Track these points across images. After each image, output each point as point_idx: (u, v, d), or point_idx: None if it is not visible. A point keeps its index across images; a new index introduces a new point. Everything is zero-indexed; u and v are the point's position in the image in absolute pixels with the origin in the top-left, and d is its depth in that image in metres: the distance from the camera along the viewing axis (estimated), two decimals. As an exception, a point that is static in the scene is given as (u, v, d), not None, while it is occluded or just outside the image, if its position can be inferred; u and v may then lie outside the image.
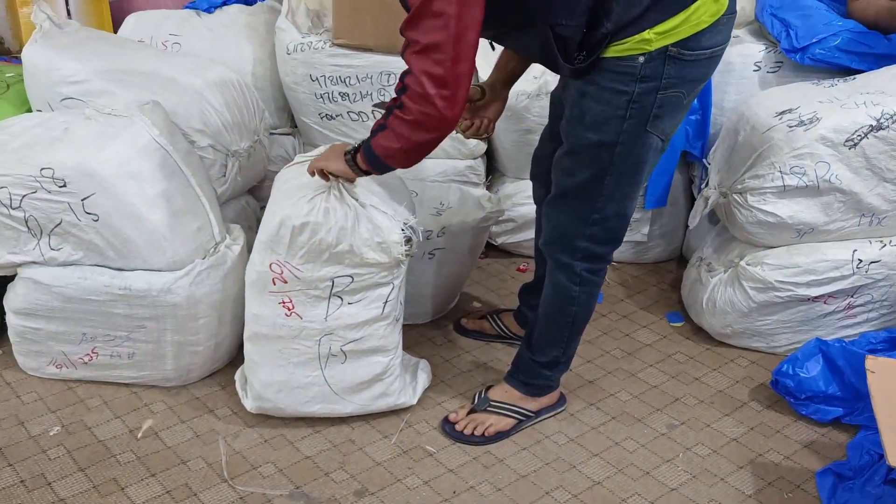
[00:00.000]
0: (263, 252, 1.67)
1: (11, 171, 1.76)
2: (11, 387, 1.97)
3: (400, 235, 1.64)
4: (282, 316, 1.70)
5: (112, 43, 2.25)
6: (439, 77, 1.34)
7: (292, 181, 1.72)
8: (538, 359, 1.81)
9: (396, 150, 1.47)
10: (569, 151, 1.59)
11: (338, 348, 1.74)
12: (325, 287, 1.67)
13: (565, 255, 1.67)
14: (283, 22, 2.35)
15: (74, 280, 1.84)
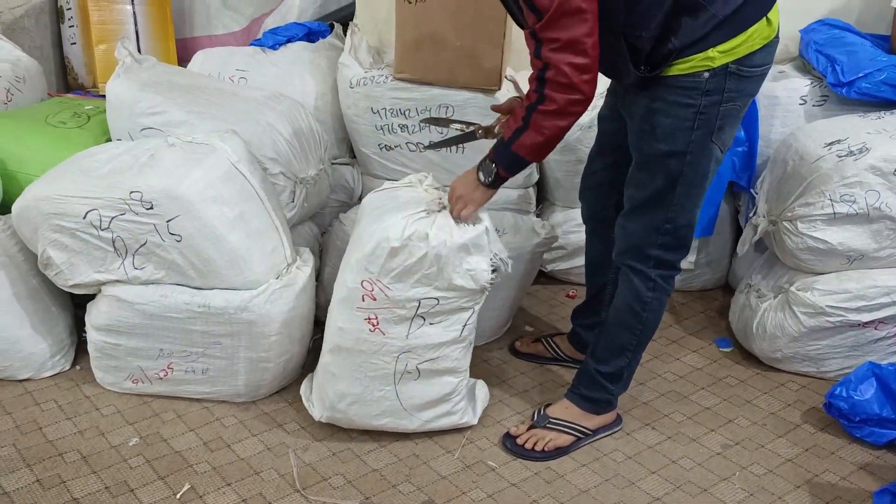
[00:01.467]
0: (356, 270, 1.75)
1: (103, 195, 1.87)
2: (91, 400, 2.07)
3: (489, 265, 1.73)
4: (366, 331, 1.79)
5: (187, 77, 2.39)
6: (584, 66, 1.47)
7: (387, 204, 1.80)
8: (603, 369, 1.87)
9: (540, 143, 1.58)
10: (641, 164, 1.70)
11: (413, 366, 1.82)
12: (411, 307, 1.75)
13: (639, 263, 1.77)
14: (347, 58, 2.47)
15: (156, 298, 1.94)
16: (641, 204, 1.73)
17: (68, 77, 3.07)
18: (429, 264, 1.70)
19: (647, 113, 1.64)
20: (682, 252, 1.78)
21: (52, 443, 1.91)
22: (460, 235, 1.71)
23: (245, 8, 3.09)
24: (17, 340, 2.09)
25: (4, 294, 2.07)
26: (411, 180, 1.93)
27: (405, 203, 1.79)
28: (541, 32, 1.47)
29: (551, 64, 1.48)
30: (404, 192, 1.88)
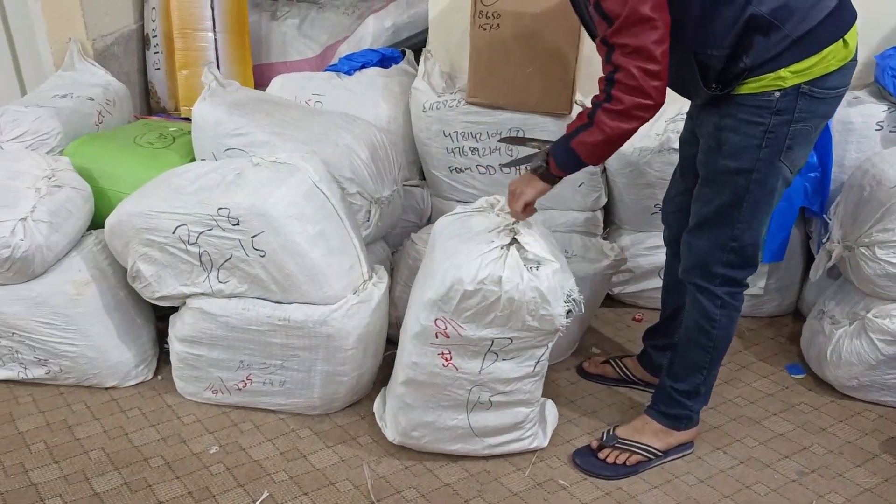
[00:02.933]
0: (430, 308, 1.76)
1: (191, 211, 1.96)
2: (172, 409, 2.15)
3: (563, 308, 1.72)
4: (439, 366, 1.81)
5: (268, 101, 2.49)
6: (653, 72, 1.49)
7: (460, 233, 1.82)
8: (679, 387, 1.88)
9: (599, 142, 1.59)
10: (707, 180, 1.71)
11: (486, 398, 1.85)
12: (484, 345, 1.77)
13: (705, 281, 1.77)
14: (420, 83, 2.55)
15: (238, 311, 2.01)
16: (706, 220, 1.73)
17: (151, 101, 3.21)
18: (502, 307, 1.70)
19: (716, 130, 1.65)
20: (748, 269, 1.78)
21: (137, 448, 1.99)
22: (533, 278, 1.69)
23: (319, 35, 3.20)
24: (105, 350, 2.19)
25: (95, 305, 2.17)
26: (482, 204, 1.97)
27: (478, 234, 1.80)
28: (611, 38, 1.50)
29: (621, 67, 1.50)
30: (477, 219, 1.90)
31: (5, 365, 2.22)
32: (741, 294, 1.81)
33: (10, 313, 2.12)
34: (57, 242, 2.13)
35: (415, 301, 1.86)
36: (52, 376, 2.21)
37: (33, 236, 2.06)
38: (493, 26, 2.31)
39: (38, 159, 2.26)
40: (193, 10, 2.97)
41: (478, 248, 1.73)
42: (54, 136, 2.44)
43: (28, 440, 2.00)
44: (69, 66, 2.83)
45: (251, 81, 3.15)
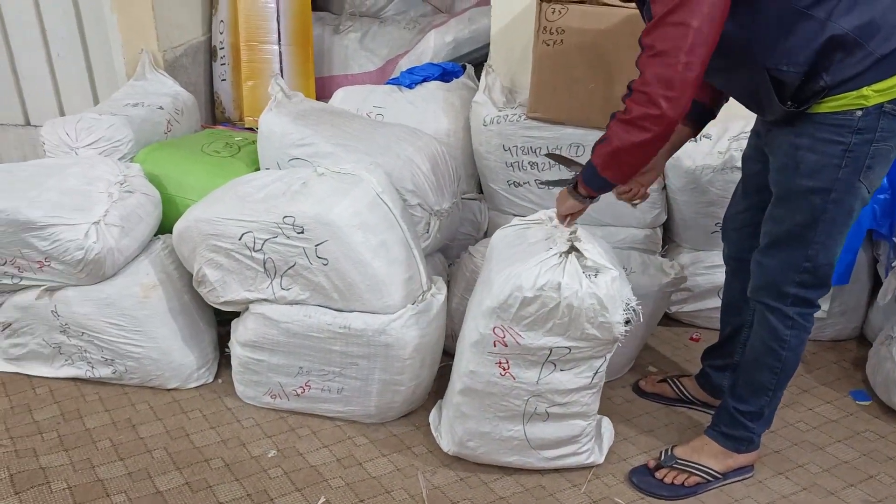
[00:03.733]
0: (489, 316, 1.76)
1: (258, 218, 2.01)
2: (232, 412, 2.19)
3: (622, 316, 1.71)
4: (496, 375, 1.81)
5: (332, 112, 2.53)
6: (668, 79, 1.44)
7: (517, 244, 1.84)
8: (743, 408, 1.85)
9: (608, 151, 1.58)
10: (780, 199, 1.68)
11: (543, 409, 1.84)
12: (542, 354, 1.77)
13: (776, 301, 1.73)
14: (481, 97, 2.57)
15: (300, 317, 2.05)
16: (779, 240, 1.70)
17: (216, 110, 3.30)
18: (561, 314, 1.70)
19: (792, 148, 1.62)
20: (821, 290, 1.74)
21: (198, 449, 2.03)
22: (592, 285, 1.69)
23: (380, 49, 3.25)
24: (169, 351, 2.24)
25: (161, 308, 2.23)
26: (540, 217, 1.97)
27: (536, 244, 1.81)
28: (643, 37, 1.48)
29: (641, 72, 1.48)
30: (534, 231, 1.91)
31: (74, 363, 2.29)
32: (812, 315, 1.77)
33: (81, 313, 2.19)
34: (127, 246, 2.20)
35: (473, 310, 1.87)
36: (117, 376, 2.28)
37: (105, 239, 2.13)
38: (557, 42, 2.32)
39: (112, 165, 2.34)
40: (260, 23, 3.04)
41: (536, 256, 1.74)
42: (126, 143, 2.52)
43: (95, 437, 2.06)
44: (140, 76, 2.93)
45: (313, 93, 3.21)
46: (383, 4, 3.46)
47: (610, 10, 2.23)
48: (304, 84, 3.18)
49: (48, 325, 2.24)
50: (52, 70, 3.19)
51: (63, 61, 3.16)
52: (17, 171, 2.29)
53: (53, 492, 1.85)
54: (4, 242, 2.13)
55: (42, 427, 2.10)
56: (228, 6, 3.08)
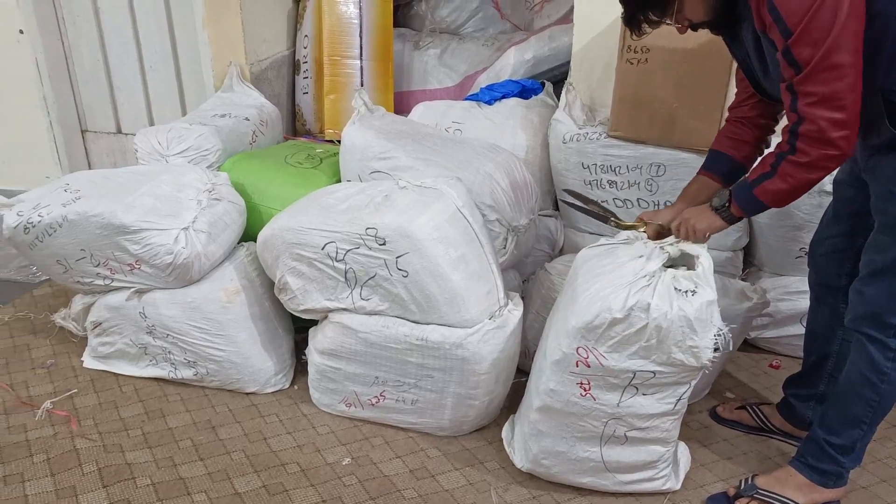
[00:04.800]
0: (574, 335, 1.75)
1: (341, 229, 2.05)
2: (307, 418, 2.23)
3: (712, 343, 1.67)
4: (577, 395, 1.80)
5: (412, 126, 2.57)
6: (841, 121, 1.45)
7: (605, 263, 1.81)
8: (833, 440, 1.78)
9: (784, 190, 1.57)
10: (885, 227, 1.63)
11: (622, 432, 1.82)
12: (625, 377, 1.74)
13: (878, 332, 1.67)
14: (561, 114, 2.57)
15: (378, 328, 2.08)
16: (883, 268, 1.64)
17: (297, 123, 3.38)
18: (648, 336, 1.68)
19: None
20: None
21: (275, 453, 2.07)
22: (685, 305, 1.66)
23: (459, 65, 3.29)
24: (249, 356, 2.30)
25: (243, 313, 2.29)
26: (629, 236, 1.95)
27: (625, 265, 1.78)
28: (798, 86, 1.47)
29: (807, 118, 1.47)
30: (623, 251, 1.89)
31: (158, 364, 2.37)
32: None
33: (167, 316, 2.27)
34: (213, 252, 2.27)
35: (556, 328, 1.86)
36: (199, 378, 2.34)
37: (193, 245, 2.20)
38: (641, 61, 2.30)
39: (201, 173, 2.42)
40: (344, 38, 3.12)
41: (626, 277, 1.72)
42: (214, 152, 2.61)
43: (177, 436, 2.13)
44: (228, 88, 3.03)
45: (392, 108, 3.26)
46: (463, 21, 3.50)
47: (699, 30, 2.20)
48: (383, 98, 3.23)
49: (136, 326, 2.33)
50: (145, 81, 3.33)
51: (155, 73, 3.30)
52: (112, 176, 2.39)
53: (138, 487, 1.92)
54: (99, 245, 2.23)
55: (128, 424, 2.17)
56: (313, 21, 3.16)
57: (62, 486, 1.91)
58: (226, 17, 2.97)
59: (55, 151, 3.43)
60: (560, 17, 3.31)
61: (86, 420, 2.18)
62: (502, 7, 3.50)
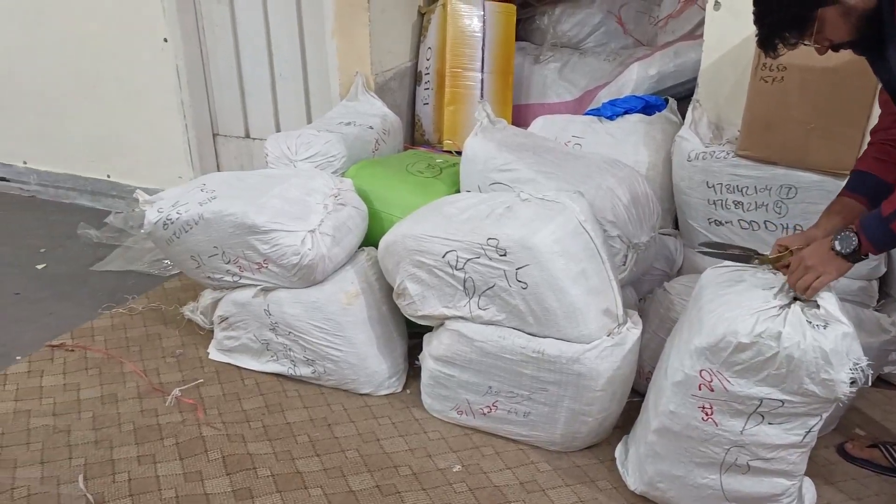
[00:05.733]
0: (697, 357, 1.70)
1: (462, 238, 2.07)
2: (419, 423, 2.26)
3: (848, 375, 1.58)
4: (698, 419, 1.75)
5: (533, 139, 2.58)
6: None
7: (732, 287, 1.76)
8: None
9: None
10: None
11: (744, 461, 1.75)
12: (751, 404, 1.68)
13: None
14: (686, 132, 2.52)
15: (494, 338, 2.09)
16: None
17: (415, 132, 3.45)
18: (778, 365, 1.61)
19: None
20: None
21: (388, 455, 2.11)
22: (819, 337, 1.58)
23: (579, 80, 3.27)
24: (365, 357, 2.36)
25: (361, 316, 2.35)
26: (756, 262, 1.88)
27: (753, 290, 1.72)
28: None
29: None
30: (750, 275, 1.83)
31: (279, 360, 2.46)
32: None
33: (290, 314, 2.35)
34: (336, 255, 2.35)
35: (678, 348, 1.81)
36: (316, 376, 2.42)
37: (318, 247, 2.28)
38: (777, 79, 2.23)
39: (327, 179, 2.51)
40: (466, 51, 3.16)
41: (754, 303, 1.67)
42: (340, 159, 2.70)
43: (295, 431, 2.20)
44: (353, 97, 3.13)
45: (510, 120, 3.27)
46: (584, 36, 3.49)
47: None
48: (502, 111, 3.25)
49: (260, 322, 2.43)
50: (274, 89, 3.48)
51: (284, 81, 3.44)
52: (245, 178, 2.51)
53: (259, 477, 1.99)
54: (231, 243, 2.34)
55: (249, 416, 2.27)
56: (437, 34, 3.22)
57: (189, 471, 2.01)
58: (355, 29, 3.07)
59: (188, 153, 3.63)
60: (685, 32, 3.24)
61: (211, 409, 2.29)
62: (625, 22, 3.47)
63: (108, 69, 3.68)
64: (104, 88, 3.73)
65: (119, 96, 3.71)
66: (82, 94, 3.80)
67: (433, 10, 3.27)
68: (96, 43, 3.64)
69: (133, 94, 3.67)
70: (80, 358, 2.56)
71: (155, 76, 3.55)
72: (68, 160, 4.04)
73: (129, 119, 3.74)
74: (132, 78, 3.63)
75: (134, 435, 2.16)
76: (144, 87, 3.62)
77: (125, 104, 3.71)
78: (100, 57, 3.67)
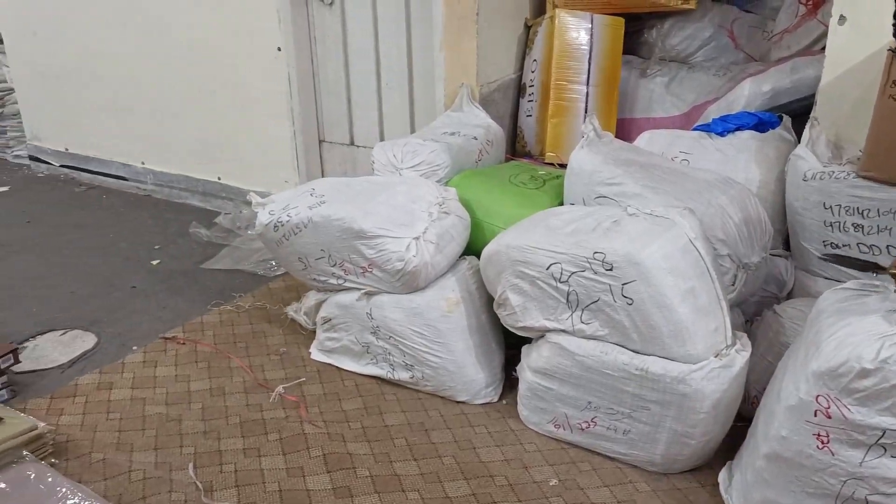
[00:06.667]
0: (814, 382, 1.64)
1: (568, 251, 2.06)
2: (515, 434, 2.26)
3: None
4: (812, 447, 1.68)
5: (640, 154, 2.55)
6: None
7: (852, 310, 1.69)
8: None
9: None
10: None
11: (862, 495, 1.67)
12: (872, 435, 1.60)
13: None
14: (803, 150, 2.43)
15: (596, 353, 2.06)
16: None
17: (516, 144, 3.46)
18: None
19: None
20: None
21: (484, 464, 2.12)
22: None
23: (687, 95, 3.21)
24: (464, 366, 2.37)
25: (461, 323, 2.37)
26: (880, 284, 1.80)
27: (877, 313, 1.65)
28: None
29: None
30: (874, 298, 1.75)
31: (378, 363, 2.51)
32: None
33: (392, 319, 2.40)
34: (439, 262, 2.38)
35: (792, 370, 1.75)
36: (414, 381, 2.45)
37: (422, 254, 2.32)
38: (907, 97, 2.13)
39: (432, 187, 2.55)
40: (572, 64, 3.15)
41: (879, 326, 1.59)
42: (444, 168, 2.74)
43: (392, 434, 2.24)
44: (458, 107, 3.17)
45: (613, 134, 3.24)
46: (693, 50, 3.42)
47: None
48: (606, 125, 3.21)
49: (362, 325, 2.48)
50: (380, 98, 3.56)
51: (390, 91, 3.51)
52: (353, 184, 2.58)
53: (358, 477, 2.04)
54: (338, 247, 2.40)
55: (349, 416, 2.32)
56: (543, 47, 3.23)
57: (292, 466, 2.07)
58: (463, 41, 3.11)
59: (295, 158, 3.76)
60: (801, 48, 3.13)
61: (312, 407, 2.36)
62: (737, 37, 3.38)
63: (223, 77, 3.85)
64: (219, 95, 3.91)
65: (232, 102, 3.88)
66: (198, 100, 4.00)
67: (540, 23, 3.28)
68: (214, 52, 3.83)
69: (246, 101, 3.83)
70: (191, 351, 2.68)
71: (267, 84, 3.69)
72: (182, 162, 4.25)
73: (241, 124, 3.90)
74: (246, 85, 3.79)
75: (240, 428, 2.24)
76: (257, 95, 3.77)
77: (238, 110, 3.88)
78: (216, 65, 3.85)
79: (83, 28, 4.29)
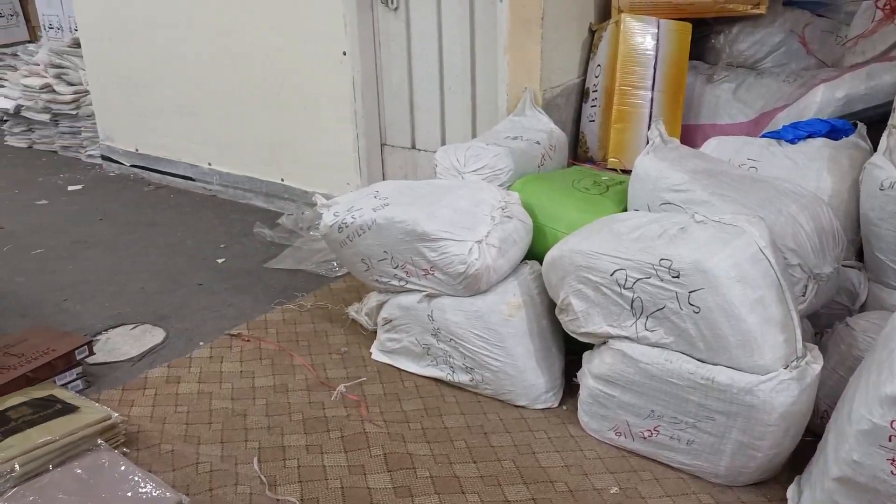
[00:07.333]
0: (889, 407, 1.59)
1: (633, 257, 2.05)
2: (575, 440, 2.25)
3: None
4: (886, 472, 1.63)
5: (707, 161, 2.50)
6: None
7: None
8: None
9: None
10: None
11: None
12: None
13: None
14: (880, 159, 2.36)
15: (661, 361, 2.04)
16: None
17: (578, 149, 3.44)
18: None
19: None
20: None
21: (543, 469, 2.11)
22: None
23: (755, 101, 3.15)
24: (524, 370, 2.37)
25: (522, 328, 2.37)
26: None
27: None
28: None
29: None
30: None
31: (438, 365, 2.53)
32: None
33: (453, 321, 2.41)
34: (501, 266, 2.38)
35: (864, 393, 1.69)
36: (473, 384, 2.46)
37: (484, 258, 2.32)
38: None
39: (495, 191, 2.56)
40: (637, 69, 3.12)
41: None
42: (506, 172, 2.74)
43: (452, 436, 2.25)
44: (520, 112, 3.16)
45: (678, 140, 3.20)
46: (762, 56, 3.35)
47: None
48: (670, 131, 3.16)
49: (422, 327, 2.50)
50: (442, 102, 3.58)
51: (453, 95, 3.53)
52: (416, 187, 2.60)
53: (418, 478, 2.05)
54: (400, 249, 2.43)
55: (409, 417, 2.34)
56: (608, 51, 3.20)
57: (353, 464, 2.10)
58: (527, 46, 3.11)
59: (357, 161, 3.81)
60: (878, 54, 3.04)
61: (373, 407, 2.38)
62: (809, 42, 3.30)
63: (289, 80, 3.93)
64: (284, 98, 3.99)
65: (297, 105, 3.95)
66: (264, 103, 4.09)
67: (605, 28, 3.25)
68: (280, 56, 3.91)
69: (310, 104, 3.90)
70: (255, 348, 2.74)
71: (332, 87, 3.75)
72: (247, 163, 4.35)
73: (305, 127, 3.97)
74: (311, 89, 3.86)
75: (303, 425, 2.28)
76: (321, 98, 3.83)
77: (302, 113, 3.95)
78: (282, 69, 3.93)
79: (155, 33, 4.44)
